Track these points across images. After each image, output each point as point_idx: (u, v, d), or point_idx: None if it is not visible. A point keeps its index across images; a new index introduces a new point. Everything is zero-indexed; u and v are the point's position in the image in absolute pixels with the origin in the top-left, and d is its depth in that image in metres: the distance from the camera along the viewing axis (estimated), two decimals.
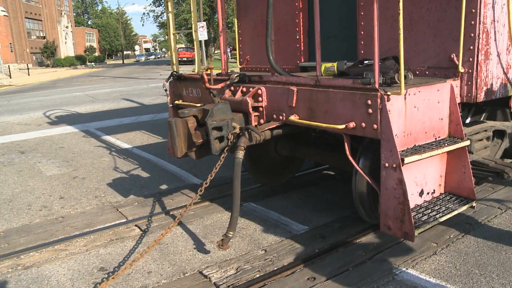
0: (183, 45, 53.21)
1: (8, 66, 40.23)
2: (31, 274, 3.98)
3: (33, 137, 10.46)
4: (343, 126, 3.48)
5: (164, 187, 6.18)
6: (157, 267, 3.94)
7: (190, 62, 37.65)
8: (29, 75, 39.81)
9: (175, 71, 5.36)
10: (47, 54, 60.18)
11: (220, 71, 5.49)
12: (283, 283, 3.54)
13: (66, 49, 67.78)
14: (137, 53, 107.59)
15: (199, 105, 4.64)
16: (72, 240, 4.61)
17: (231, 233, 3.76)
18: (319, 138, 5.21)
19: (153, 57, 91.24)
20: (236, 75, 4.37)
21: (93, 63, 65.13)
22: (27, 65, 46.20)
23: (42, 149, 9.10)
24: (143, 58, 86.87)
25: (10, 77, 36.17)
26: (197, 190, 3.97)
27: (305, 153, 5.09)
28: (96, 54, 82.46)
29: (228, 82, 4.36)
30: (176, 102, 5.37)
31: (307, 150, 5.04)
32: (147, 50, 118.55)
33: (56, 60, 59.37)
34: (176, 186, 6.17)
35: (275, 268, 3.76)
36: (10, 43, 48.61)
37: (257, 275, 3.67)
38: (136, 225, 4.85)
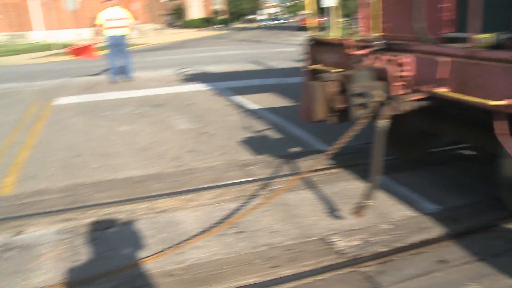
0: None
1: (144, 26, 43.03)
2: (164, 218, 4.27)
3: (165, 92, 11.09)
4: (499, 103, 3.19)
5: (291, 150, 6.18)
6: (282, 228, 4.00)
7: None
8: (162, 35, 42.19)
9: (313, 35, 5.27)
10: (177, 16, 63.20)
11: (361, 38, 5.30)
12: (410, 262, 3.40)
13: (194, 12, 70.55)
14: (261, 17, 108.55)
15: (337, 70, 4.53)
16: (201, 192, 4.84)
17: (370, 202, 3.70)
18: (459, 115, 4.86)
19: (278, 22, 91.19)
20: (379, 41, 4.19)
21: (222, 25, 67.12)
22: (159, 26, 49.05)
23: (173, 104, 9.62)
24: (268, 23, 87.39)
25: (144, 37, 38.64)
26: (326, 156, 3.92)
27: (445, 128, 4.77)
28: (223, 17, 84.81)
29: (371, 49, 4.19)
30: (314, 66, 5.29)
31: (448, 126, 4.72)
32: (271, 15, 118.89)
33: (185, 22, 62.19)
34: (304, 150, 6.14)
35: (402, 245, 3.62)
36: (147, 6, 51.65)
37: (383, 250, 3.57)
38: (263, 184, 4.95)
